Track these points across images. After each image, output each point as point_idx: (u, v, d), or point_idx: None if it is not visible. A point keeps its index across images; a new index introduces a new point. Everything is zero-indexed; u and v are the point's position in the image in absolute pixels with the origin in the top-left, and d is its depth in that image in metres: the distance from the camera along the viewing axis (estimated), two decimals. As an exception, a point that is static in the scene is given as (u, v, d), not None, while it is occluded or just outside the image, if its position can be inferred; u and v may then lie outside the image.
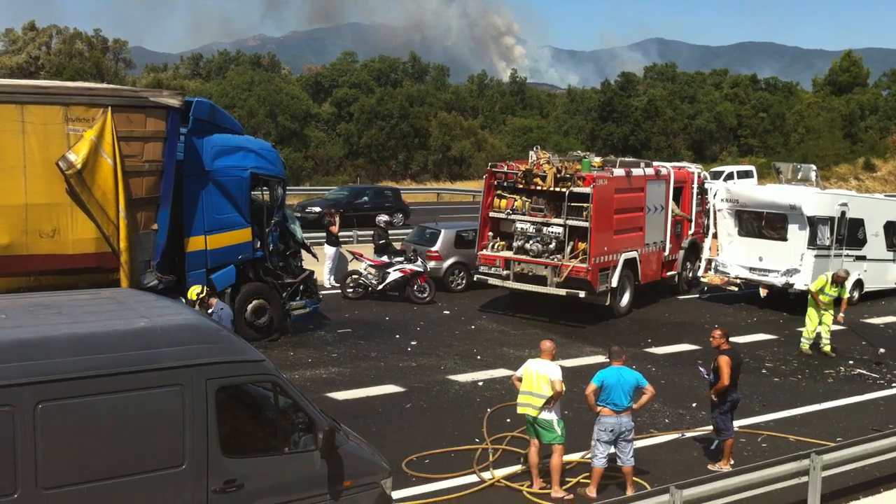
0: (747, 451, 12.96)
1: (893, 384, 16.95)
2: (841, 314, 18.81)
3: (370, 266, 22.56)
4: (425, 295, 22.20)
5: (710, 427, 12.76)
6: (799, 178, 26.49)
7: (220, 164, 16.62)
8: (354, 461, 8.44)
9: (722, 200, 23.82)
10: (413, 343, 18.37)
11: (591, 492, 11.18)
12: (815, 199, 23.00)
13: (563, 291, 20.22)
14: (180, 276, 16.12)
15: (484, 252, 21.39)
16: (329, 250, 23.71)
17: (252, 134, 27.46)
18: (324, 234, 24.14)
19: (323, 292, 21.04)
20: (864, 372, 17.73)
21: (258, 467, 7.91)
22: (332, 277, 23.63)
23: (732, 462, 12.14)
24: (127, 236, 14.57)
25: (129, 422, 7.30)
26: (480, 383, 15.78)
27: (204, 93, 63.28)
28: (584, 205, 19.94)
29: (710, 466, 12.13)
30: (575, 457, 12.11)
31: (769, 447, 13.17)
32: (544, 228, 20.58)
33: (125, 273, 14.61)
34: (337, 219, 23.84)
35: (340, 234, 24.35)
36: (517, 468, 11.86)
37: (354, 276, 22.63)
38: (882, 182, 66.88)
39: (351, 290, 22.41)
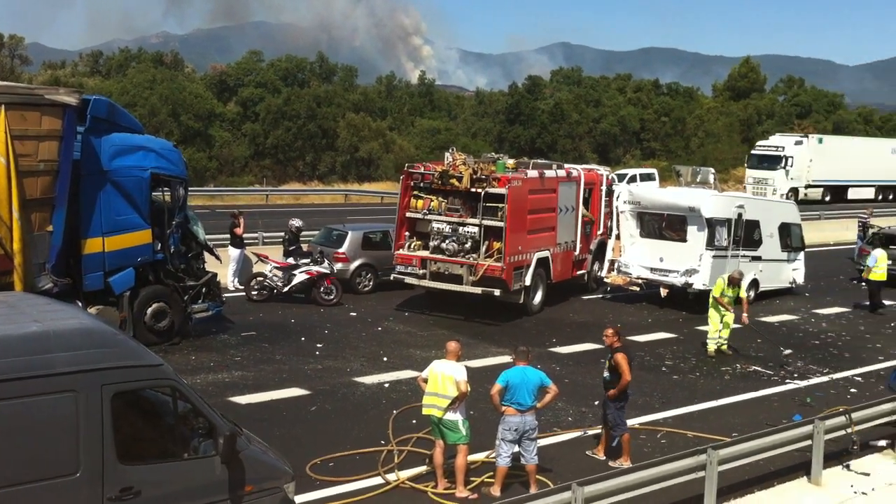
0: (647, 448, 13.24)
1: (787, 380, 17.53)
2: (745, 315, 19.28)
3: (275, 268, 22.28)
4: (332, 297, 22.04)
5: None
6: (698, 180, 27.34)
7: (118, 163, 16.20)
8: (256, 466, 8.35)
9: (624, 202, 24.29)
10: (319, 345, 18.24)
11: (496, 491, 11.26)
12: (713, 202, 23.66)
13: (478, 290, 20.50)
14: (76, 279, 15.71)
15: (401, 252, 21.44)
16: (233, 252, 23.37)
17: (154, 133, 26.90)
18: (227, 236, 23.77)
19: (227, 295, 20.75)
20: (759, 369, 18.29)
21: (156, 474, 7.76)
22: (237, 279, 23.31)
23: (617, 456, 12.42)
24: (21, 238, 14.08)
25: (20, 429, 7.09)
26: (386, 385, 15.76)
27: (103, 91, 61.55)
28: (499, 205, 20.28)
29: (611, 463, 12.35)
30: (479, 456, 12.19)
31: (668, 443, 13.48)
32: (460, 228, 20.80)
33: (18, 276, 14.12)
34: (241, 220, 23.49)
35: (245, 235, 24.03)
36: (422, 469, 11.88)
37: (259, 279, 22.34)
38: (777, 185, 68.91)
39: (255, 292, 22.12)
